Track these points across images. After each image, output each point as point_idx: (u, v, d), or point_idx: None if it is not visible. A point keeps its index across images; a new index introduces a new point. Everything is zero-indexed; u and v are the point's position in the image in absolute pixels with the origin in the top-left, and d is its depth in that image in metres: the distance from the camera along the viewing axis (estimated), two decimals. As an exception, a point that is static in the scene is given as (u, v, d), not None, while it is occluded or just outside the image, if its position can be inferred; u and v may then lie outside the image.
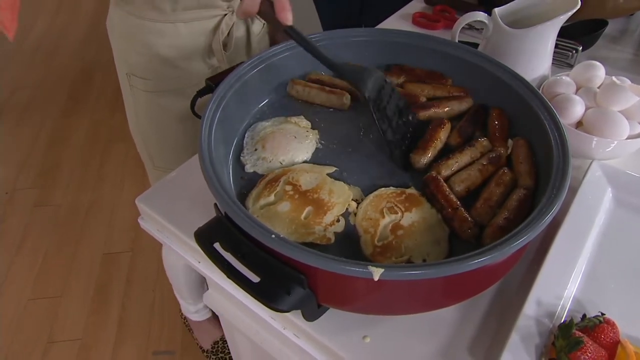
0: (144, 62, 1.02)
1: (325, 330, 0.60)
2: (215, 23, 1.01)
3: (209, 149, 0.61)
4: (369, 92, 0.68)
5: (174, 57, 1.01)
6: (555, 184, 0.57)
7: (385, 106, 0.71)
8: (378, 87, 0.70)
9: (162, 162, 1.17)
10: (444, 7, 1.26)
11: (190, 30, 0.99)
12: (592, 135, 0.77)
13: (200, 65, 1.04)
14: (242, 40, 1.09)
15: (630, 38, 1.19)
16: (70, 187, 2.35)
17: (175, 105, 1.07)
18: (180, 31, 0.98)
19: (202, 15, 0.98)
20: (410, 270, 0.48)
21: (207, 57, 1.04)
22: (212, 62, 1.06)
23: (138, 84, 1.05)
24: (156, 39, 0.98)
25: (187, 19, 0.97)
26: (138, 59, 1.02)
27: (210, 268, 0.71)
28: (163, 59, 1.01)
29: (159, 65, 1.02)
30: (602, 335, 0.55)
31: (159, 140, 1.14)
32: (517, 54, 0.85)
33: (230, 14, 1.01)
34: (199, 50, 1.03)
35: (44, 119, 2.73)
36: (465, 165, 0.68)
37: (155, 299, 1.89)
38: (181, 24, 0.98)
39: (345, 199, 0.63)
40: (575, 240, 0.68)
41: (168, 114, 1.08)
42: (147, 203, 0.76)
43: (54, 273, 1.98)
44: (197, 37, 1.01)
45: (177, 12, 0.96)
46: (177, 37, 0.99)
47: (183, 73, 1.03)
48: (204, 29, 1.01)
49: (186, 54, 1.01)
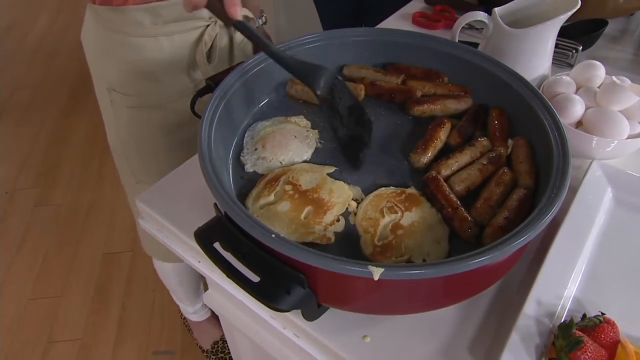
0: (125, 77, 0.99)
1: (325, 330, 0.60)
2: (198, 35, 0.98)
3: (209, 149, 0.61)
4: (321, 89, 0.67)
5: (156, 71, 0.97)
6: (555, 184, 0.57)
7: (337, 103, 0.71)
8: (330, 84, 0.69)
9: (146, 176, 1.13)
10: (444, 7, 1.26)
11: (172, 43, 0.96)
12: (592, 135, 0.77)
13: (184, 79, 1.01)
14: (225, 51, 1.07)
15: (630, 38, 1.19)
16: (71, 187, 2.35)
17: (159, 120, 1.04)
18: (162, 45, 0.95)
19: (184, 28, 0.95)
20: (410, 270, 0.48)
21: (191, 70, 1.01)
22: (196, 76, 1.03)
23: (119, 100, 1.02)
24: (137, 53, 0.95)
25: (168, 32, 0.94)
26: (119, 75, 0.99)
27: (211, 268, 0.71)
28: (145, 74, 0.97)
29: (141, 80, 0.98)
30: (602, 335, 0.54)
31: (142, 155, 1.11)
32: (517, 54, 0.85)
33: (213, 25, 0.98)
34: (182, 64, 1.00)
35: (44, 119, 2.73)
36: (465, 164, 0.68)
37: (155, 299, 1.89)
38: (163, 38, 0.94)
39: (345, 199, 0.63)
40: (576, 240, 0.68)
41: (151, 129, 1.06)
42: (147, 203, 0.76)
43: (54, 273, 1.98)
44: (179, 50, 0.98)
45: (158, 25, 0.93)
46: (159, 51, 0.96)
47: (166, 87, 1.00)
48: (187, 42, 0.97)
49: (169, 68, 0.98)
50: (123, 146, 1.10)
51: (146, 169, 1.12)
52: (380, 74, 0.81)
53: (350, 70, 0.83)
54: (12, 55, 3.30)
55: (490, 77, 0.75)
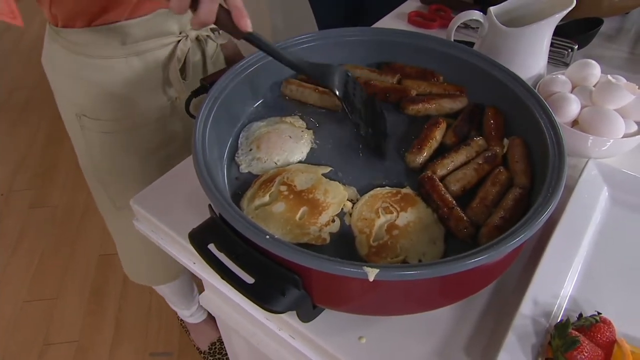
0: (96, 102, 0.93)
1: (320, 331, 0.60)
2: (170, 51, 0.94)
3: (203, 150, 0.60)
4: (337, 88, 0.69)
5: (129, 93, 0.93)
6: (551, 183, 0.57)
7: (353, 100, 0.72)
8: (344, 81, 0.70)
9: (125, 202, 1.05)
10: (439, 6, 1.26)
11: (144, 62, 0.92)
12: (587, 134, 0.77)
13: (160, 98, 0.98)
14: (199, 66, 1.03)
15: (625, 36, 1.20)
16: (67, 188, 2.34)
17: (136, 143, 1.00)
18: (133, 65, 0.91)
19: (155, 45, 0.91)
20: (406, 271, 0.48)
21: (166, 88, 0.98)
22: (172, 94, 0.99)
23: (91, 126, 0.97)
24: (107, 76, 0.91)
25: (139, 51, 0.90)
26: (89, 100, 0.93)
27: (206, 269, 0.71)
28: (117, 96, 0.93)
29: (113, 103, 0.94)
30: (599, 335, 0.54)
31: (121, 181, 1.06)
32: (512, 53, 0.85)
33: (184, 40, 0.94)
34: (157, 83, 0.96)
35: (41, 120, 2.72)
36: (460, 164, 0.68)
37: (152, 301, 1.88)
38: (133, 58, 0.90)
39: (341, 199, 0.63)
40: (572, 239, 0.68)
41: (128, 152, 1.01)
42: (142, 204, 0.75)
43: (50, 274, 1.97)
44: (152, 69, 0.93)
45: (128, 45, 0.88)
46: (131, 72, 0.91)
47: (142, 109, 0.96)
48: (159, 59, 0.93)
49: (143, 89, 0.94)
50: (98, 172, 1.06)
51: (126, 194, 1.05)
52: (375, 73, 0.81)
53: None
54: (8, 55, 3.28)
55: (486, 76, 0.75)
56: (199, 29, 0.64)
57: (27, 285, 1.93)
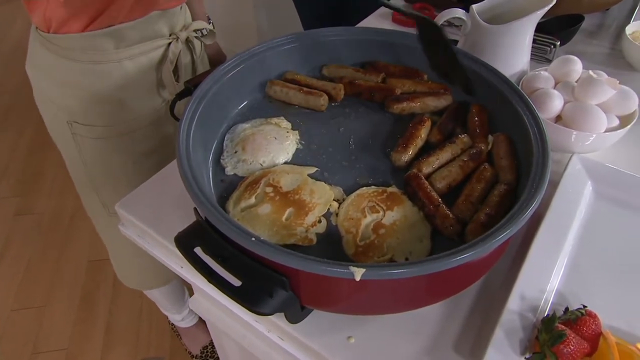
0: (89, 108, 0.92)
1: (309, 332, 0.59)
2: (161, 53, 0.94)
3: (187, 153, 0.60)
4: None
5: (123, 97, 0.93)
6: (535, 179, 0.58)
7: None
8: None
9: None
10: (423, 4, 1.26)
11: (137, 65, 0.92)
12: (571, 129, 0.77)
13: (155, 101, 0.98)
14: (189, 67, 1.04)
15: (606, 33, 1.21)
16: (53, 194, 2.31)
17: (130, 148, 0.99)
18: (127, 69, 0.90)
19: (147, 48, 0.91)
20: (392, 269, 0.48)
21: (160, 90, 0.98)
22: (165, 95, 0.99)
23: (84, 132, 0.95)
24: (101, 81, 0.90)
25: (132, 54, 0.90)
26: (81, 106, 0.92)
27: (194, 273, 0.70)
28: (111, 101, 0.92)
29: (107, 109, 0.93)
30: (584, 328, 0.55)
31: (113, 186, 1.05)
32: (495, 50, 0.85)
33: (175, 42, 0.94)
34: (151, 85, 0.96)
35: (24, 126, 2.69)
36: (446, 162, 0.68)
37: (142, 305, 1.87)
38: (127, 61, 0.90)
39: (327, 200, 0.63)
40: (557, 234, 0.69)
41: (121, 157, 1.01)
42: (127, 208, 0.75)
43: (37, 282, 1.95)
44: (145, 72, 0.93)
45: (121, 49, 0.88)
46: (125, 76, 0.91)
47: (136, 113, 0.96)
48: (151, 62, 0.94)
49: (137, 92, 0.94)
50: (91, 179, 1.05)
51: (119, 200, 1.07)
52: (360, 73, 0.81)
53: (329, 70, 0.83)
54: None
55: (470, 73, 0.75)
56: None
57: (14, 293, 1.90)
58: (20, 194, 2.32)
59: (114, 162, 1.01)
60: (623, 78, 0.83)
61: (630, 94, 0.81)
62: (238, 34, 2.22)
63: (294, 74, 0.81)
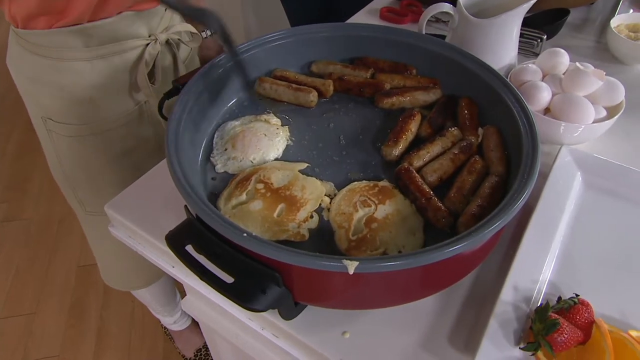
0: (62, 105, 0.90)
1: (304, 329, 0.59)
2: (138, 54, 0.91)
3: (177, 151, 0.59)
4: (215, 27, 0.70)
5: (95, 97, 0.90)
6: (525, 170, 0.58)
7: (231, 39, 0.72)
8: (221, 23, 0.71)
9: (96, 206, 1.06)
10: (411, 1, 1.27)
11: (110, 65, 0.89)
12: (559, 121, 0.78)
13: (127, 103, 0.95)
14: (169, 70, 1.00)
15: (591, 26, 1.22)
16: (41, 199, 2.28)
17: (104, 148, 0.97)
18: (99, 68, 0.88)
19: (122, 48, 0.88)
20: (386, 262, 0.48)
21: (133, 92, 0.95)
22: (139, 98, 0.96)
23: (57, 129, 0.94)
24: (72, 79, 0.87)
25: (104, 54, 0.87)
26: (54, 103, 0.90)
27: (186, 273, 0.70)
28: (83, 100, 0.90)
29: (79, 107, 0.90)
30: (578, 316, 0.55)
31: (89, 185, 1.03)
32: (483, 44, 0.86)
33: (153, 43, 0.91)
34: (123, 87, 0.93)
35: (11, 131, 2.65)
36: (436, 155, 0.68)
37: (134, 309, 1.85)
38: (99, 61, 0.87)
39: (318, 195, 0.63)
40: (548, 225, 0.69)
41: (97, 157, 0.98)
42: (117, 209, 0.74)
43: (26, 289, 1.92)
44: (118, 73, 0.90)
45: (92, 47, 0.85)
46: (97, 75, 0.88)
47: (108, 113, 0.93)
48: (126, 63, 0.90)
49: (109, 92, 0.91)
50: (67, 177, 1.03)
51: (97, 200, 1.05)
52: (349, 68, 0.81)
53: (318, 66, 0.82)
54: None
55: (459, 67, 0.75)
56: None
57: (3, 301, 1.88)
58: (7, 200, 2.29)
59: (88, 161, 0.99)
60: (609, 70, 0.84)
61: (616, 85, 0.81)
62: (226, 34, 2.21)
63: (283, 70, 0.81)
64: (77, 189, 1.05)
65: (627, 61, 1.06)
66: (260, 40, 0.78)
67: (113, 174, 1.01)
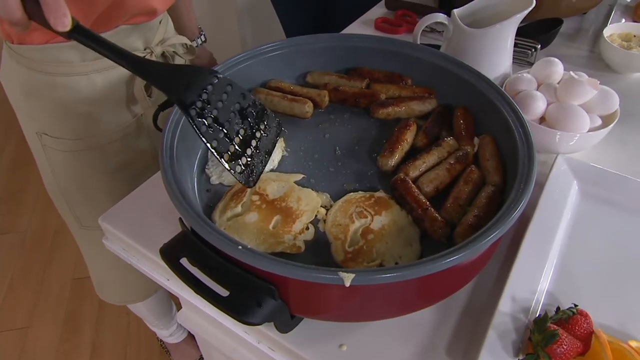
0: (57, 120, 0.89)
1: (300, 342, 0.58)
2: None
3: (172, 162, 0.59)
4: (179, 96, 0.55)
5: (92, 111, 0.89)
6: (522, 179, 0.57)
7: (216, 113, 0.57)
8: (199, 88, 0.56)
9: (91, 221, 1.04)
10: (405, 11, 1.28)
11: (107, 79, 0.88)
12: (555, 130, 0.78)
13: (124, 116, 0.94)
14: None
15: (584, 36, 1.23)
16: (36, 212, 2.27)
17: (100, 162, 0.96)
18: (95, 82, 0.87)
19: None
20: (382, 274, 0.47)
21: (131, 105, 0.94)
22: (137, 110, 0.96)
23: (53, 144, 0.93)
24: (68, 94, 0.86)
25: (100, 67, 0.86)
26: (49, 118, 0.89)
27: (181, 286, 0.69)
28: (80, 115, 0.89)
29: (76, 122, 0.90)
30: (577, 327, 0.55)
31: (85, 199, 1.02)
32: (478, 54, 0.86)
33: (149, 56, 0.91)
34: (120, 100, 0.92)
35: (6, 143, 2.64)
36: (432, 165, 0.68)
37: (130, 322, 1.83)
38: (95, 75, 0.86)
39: (314, 206, 0.62)
40: (546, 235, 0.69)
41: (93, 171, 0.97)
42: (111, 222, 0.73)
43: (20, 303, 1.90)
44: (115, 86, 0.90)
45: (88, 62, 0.85)
46: (93, 89, 0.87)
47: (105, 127, 0.93)
48: (122, 76, 0.90)
49: (106, 106, 0.91)
50: (62, 191, 1.02)
51: (92, 214, 1.02)
52: (344, 79, 0.81)
53: (313, 77, 0.82)
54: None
55: (454, 77, 0.75)
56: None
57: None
58: (2, 212, 2.27)
59: (85, 176, 0.98)
60: (602, 79, 0.84)
61: (611, 94, 0.82)
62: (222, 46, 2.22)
63: (278, 81, 0.81)
64: (72, 204, 1.04)
65: (621, 70, 1.06)
66: (255, 51, 0.78)
67: (109, 187, 1.00)
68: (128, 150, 0.99)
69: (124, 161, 0.99)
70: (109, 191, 1.00)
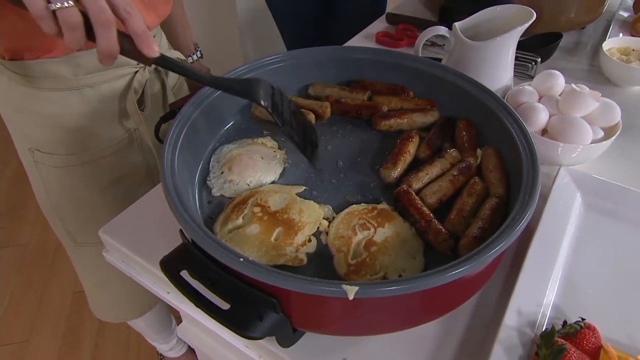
0: (49, 135, 0.89)
1: (302, 356, 0.57)
2: (127, 82, 0.90)
3: (172, 175, 0.59)
4: (265, 100, 0.63)
5: (84, 126, 0.89)
6: (526, 190, 0.57)
7: (282, 111, 0.67)
8: (270, 94, 0.65)
9: (86, 237, 1.04)
10: (406, 25, 1.28)
11: (99, 94, 0.88)
12: (557, 142, 0.78)
13: (117, 130, 0.94)
14: (158, 96, 0.99)
15: (584, 50, 1.24)
16: (37, 226, 2.26)
17: (93, 178, 0.96)
18: (88, 97, 0.87)
19: (110, 76, 0.87)
20: (386, 287, 0.47)
21: (123, 119, 0.94)
22: (129, 125, 0.95)
23: (45, 160, 0.92)
24: (61, 109, 0.86)
25: (93, 82, 0.86)
26: (41, 134, 0.89)
27: (181, 299, 0.68)
28: (72, 130, 0.88)
29: (68, 137, 0.89)
30: (585, 341, 0.54)
31: (78, 216, 1.01)
32: (479, 66, 0.86)
33: (142, 70, 0.91)
34: (113, 114, 0.92)
35: (8, 157, 2.64)
36: (435, 177, 0.67)
37: (130, 336, 1.81)
38: (87, 89, 0.86)
39: (316, 218, 0.62)
40: (550, 247, 0.68)
41: (86, 187, 0.96)
42: (111, 234, 0.72)
43: (20, 317, 1.88)
44: (107, 101, 0.89)
45: (80, 77, 0.84)
46: (86, 105, 0.87)
47: (98, 142, 0.92)
48: (115, 91, 0.89)
49: (98, 121, 0.90)
50: (55, 208, 1.01)
51: (86, 230, 1.03)
52: (346, 91, 0.81)
53: (315, 89, 0.83)
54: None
55: (456, 89, 0.75)
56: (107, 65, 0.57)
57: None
58: (3, 226, 2.26)
59: (77, 192, 0.97)
60: (602, 92, 0.84)
61: (612, 106, 0.82)
62: (224, 59, 2.23)
63: (279, 94, 0.81)
64: (65, 220, 1.02)
65: (620, 83, 1.07)
66: (257, 64, 0.78)
67: (103, 203, 0.99)
68: (121, 165, 0.98)
69: (117, 176, 0.98)
70: (102, 207, 0.99)
